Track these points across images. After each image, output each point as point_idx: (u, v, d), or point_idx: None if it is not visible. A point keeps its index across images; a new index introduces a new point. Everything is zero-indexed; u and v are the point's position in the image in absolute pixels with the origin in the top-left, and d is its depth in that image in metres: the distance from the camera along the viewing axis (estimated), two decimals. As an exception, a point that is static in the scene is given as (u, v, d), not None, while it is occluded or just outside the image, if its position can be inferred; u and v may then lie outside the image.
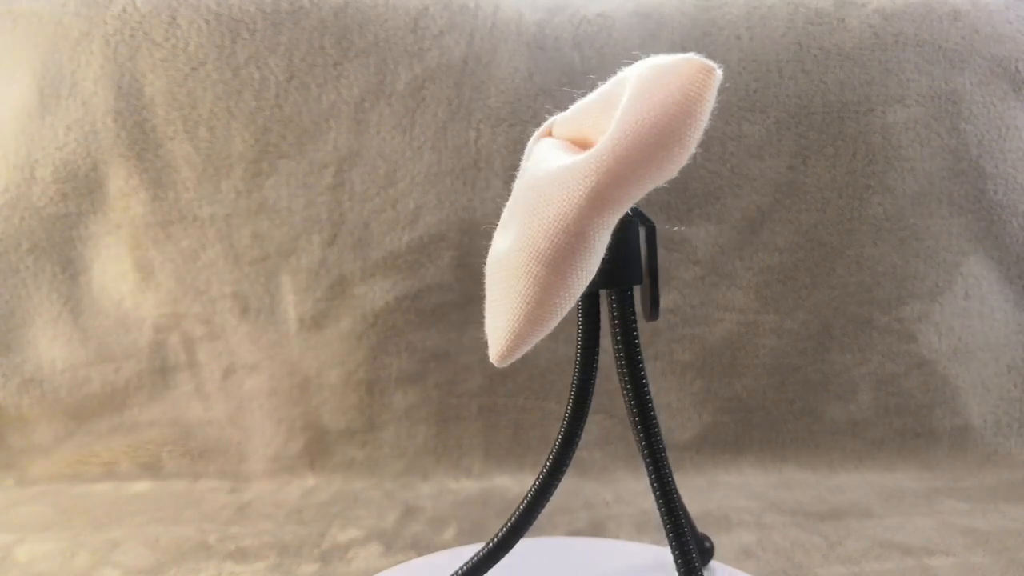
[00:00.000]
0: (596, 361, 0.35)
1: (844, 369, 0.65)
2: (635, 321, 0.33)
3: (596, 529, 0.54)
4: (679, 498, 0.36)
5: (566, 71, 0.64)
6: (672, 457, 0.65)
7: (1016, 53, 0.64)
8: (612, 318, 0.33)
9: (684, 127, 0.23)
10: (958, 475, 0.62)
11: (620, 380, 0.35)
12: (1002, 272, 0.66)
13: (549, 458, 0.35)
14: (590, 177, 0.23)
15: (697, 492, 0.60)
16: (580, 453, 0.65)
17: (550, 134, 0.30)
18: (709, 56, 0.23)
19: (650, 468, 0.36)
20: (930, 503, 0.57)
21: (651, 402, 0.36)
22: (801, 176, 0.65)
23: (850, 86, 0.63)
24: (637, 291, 0.33)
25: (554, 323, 0.25)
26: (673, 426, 0.65)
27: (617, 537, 0.51)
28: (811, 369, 0.66)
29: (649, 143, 0.23)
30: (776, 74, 0.63)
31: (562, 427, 0.37)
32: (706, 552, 0.45)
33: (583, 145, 0.27)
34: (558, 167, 0.24)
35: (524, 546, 0.46)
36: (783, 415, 0.66)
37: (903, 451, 0.65)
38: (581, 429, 0.35)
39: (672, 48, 0.64)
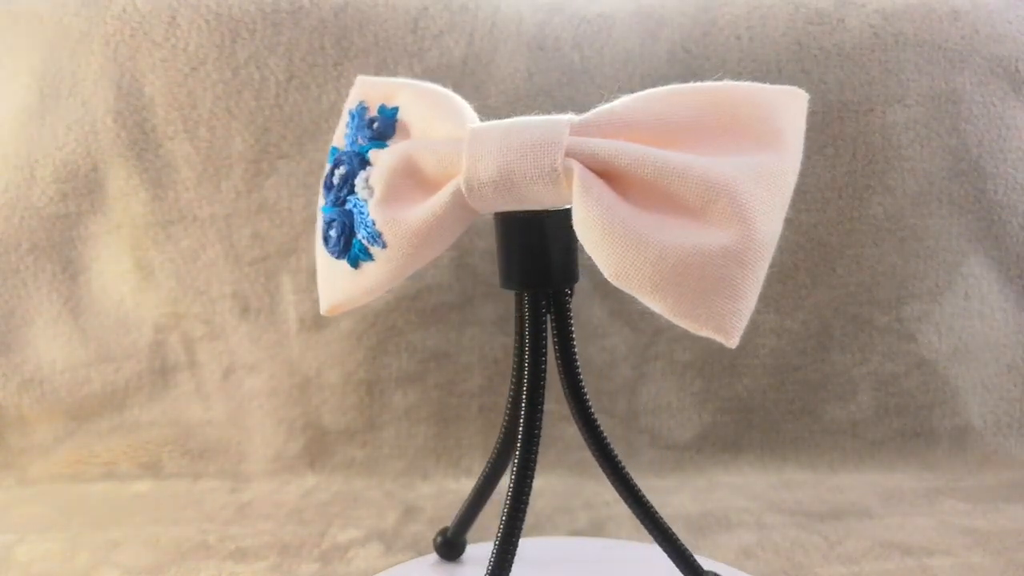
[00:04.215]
0: (543, 359, 0.35)
1: (844, 369, 0.65)
2: (571, 321, 0.36)
3: (596, 529, 0.54)
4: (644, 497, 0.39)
5: (566, 71, 0.64)
6: (672, 457, 0.66)
7: (1016, 53, 0.64)
8: (538, 318, 0.35)
9: None
10: (958, 475, 0.62)
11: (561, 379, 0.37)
12: (1002, 272, 0.66)
13: (514, 462, 0.35)
14: (795, 172, 0.31)
15: (697, 492, 0.60)
16: (581, 453, 0.65)
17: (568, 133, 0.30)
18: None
19: (605, 467, 0.38)
20: (930, 503, 0.57)
21: (591, 407, 0.38)
22: (801, 176, 0.64)
23: (850, 86, 0.63)
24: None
25: None
26: (673, 426, 0.66)
27: (617, 537, 0.52)
28: (811, 369, 0.66)
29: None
30: (776, 74, 0.63)
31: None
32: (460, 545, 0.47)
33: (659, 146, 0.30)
34: (752, 165, 0.29)
35: (524, 546, 0.46)
36: (783, 415, 0.66)
37: (903, 451, 0.65)
38: (537, 424, 0.35)
39: (671, 48, 0.64)
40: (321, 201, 0.37)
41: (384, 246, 0.32)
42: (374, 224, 0.33)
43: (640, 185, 0.29)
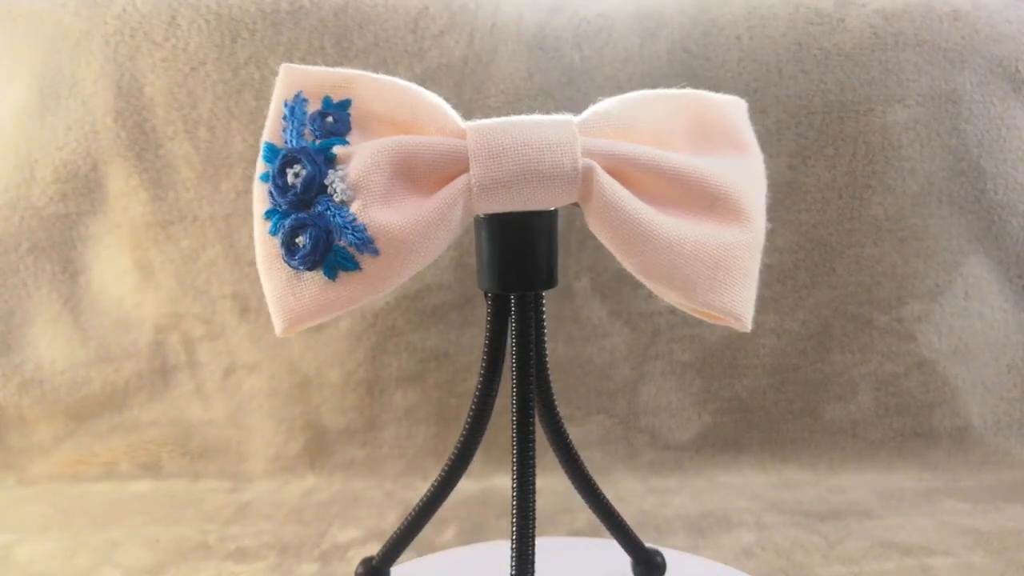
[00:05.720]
0: (531, 364, 0.35)
1: (844, 369, 0.65)
2: (544, 324, 0.36)
3: (596, 529, 0.54)
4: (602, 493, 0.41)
5: (566, 71, 0.64)
6: (672, 457, 0.66)
7: (1016, 53, 0.64)
8: (523, 321, 0.34)
9: None
10: (958, 475, 0.62)
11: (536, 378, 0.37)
12: (1002, 272, 0.66)
13: (519, 460, 0.36)
14: (764, 174, 0.34)
15: (697, 492, 0.60)
16: (581, 453, 0.65)
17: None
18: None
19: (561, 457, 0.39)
20: (930, 503, 0.57)
21: (555, 404, 0.40)
22: (801, 176, 0.64)
23: (850, 86, 0.63)
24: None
25: None
26: (673, 426, 0.66)
27: (617, 537, 0.51)
28: (811, 369, 0.66)
29: None
30: (776, 74, 0.63)
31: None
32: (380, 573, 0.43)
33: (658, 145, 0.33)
34: (740, 165, 0.32)
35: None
36: (783, 415, 0.66)
37: (903, 451, 0.65)
38: (530, 429, 0.37)
39: (671, 48, 0.64)
40: (263, 206, 0.32)
41: (376, 253, 0.29)
42: (365, 229, 0.29)
43: (648, 185, 0.30)
